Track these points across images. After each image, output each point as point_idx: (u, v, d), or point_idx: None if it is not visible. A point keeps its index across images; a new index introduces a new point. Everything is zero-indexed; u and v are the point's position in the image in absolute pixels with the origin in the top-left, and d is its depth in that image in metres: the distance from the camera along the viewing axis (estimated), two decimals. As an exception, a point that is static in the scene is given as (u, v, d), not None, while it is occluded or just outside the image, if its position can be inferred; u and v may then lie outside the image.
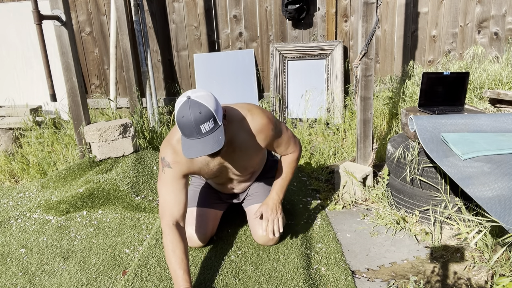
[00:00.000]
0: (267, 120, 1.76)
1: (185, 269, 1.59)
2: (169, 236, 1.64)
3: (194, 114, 1.47)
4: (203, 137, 1.50)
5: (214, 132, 1.51)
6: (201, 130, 1.48)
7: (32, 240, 2.20)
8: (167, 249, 1.63)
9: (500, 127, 2.05)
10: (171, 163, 1.70)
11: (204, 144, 1.49)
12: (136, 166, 2.76)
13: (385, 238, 2.08)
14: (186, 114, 1.47)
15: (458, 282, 1.72)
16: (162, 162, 1.73)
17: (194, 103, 1.48)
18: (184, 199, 1.72)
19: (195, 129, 1.48)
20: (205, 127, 1.49)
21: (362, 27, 2.38)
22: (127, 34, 3.64)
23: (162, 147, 1.75)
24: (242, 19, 4.02)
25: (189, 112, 1.47)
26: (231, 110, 1.74)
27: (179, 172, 1.71)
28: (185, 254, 1.63)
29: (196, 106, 1.48)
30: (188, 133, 1.50)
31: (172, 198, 1.70)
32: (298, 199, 2.49)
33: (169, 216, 1.67)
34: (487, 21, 3.91)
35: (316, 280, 1.74)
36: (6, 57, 4.19)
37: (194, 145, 1.50)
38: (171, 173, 1.71)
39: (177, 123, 1.51)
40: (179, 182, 1.72)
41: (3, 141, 3.54)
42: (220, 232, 2.14)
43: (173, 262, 1.60)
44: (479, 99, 3.31)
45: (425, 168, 2.09)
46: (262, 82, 4.15)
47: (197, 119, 1.47)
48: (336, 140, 3.39)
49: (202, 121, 1.48)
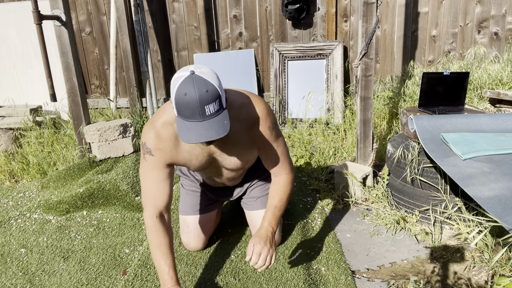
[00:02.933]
0: (266, 112, 1.56)
1: (170, 265, 1.50)
2: (153, 230, 1.51)
3: (200, 92, 1.25)
4: (207, 120, 1.28)
5: (219, 115, 1.30)
6: (205, 111, 1.27)
7: (32, 240, 2.19)
8: (152, 244, 1.51)
9: (500, 127, 2.05)
10: (153, 150, 1.50)
11: (207, 128, 1.28)
12: (136, 166, 2.76)
13: (385, 238, 2.08)
14: (189, 92, 1.25)
15: (458, 282, 1.72)
16: (143, 147, 1.52)
17: (200, 80, 1.26)
18: (168, 190, 1.55)
19: (199, 110, 1.26)
20: (210, 108, 1.27)
21: (362, 27, 2.38)
22: (127, 34, 3.64)
23: (144, 130, 1.52)
24: (242, 19, 4.02)
25: (193, 89, 1.25)
26: (231, 95, 1.53)
27: (162, 160, 1.52)
28: (171, 249, 1.52)
29: (202, 83, 1.26)
30: (189, 114, 1.28)
31: (155, 188, 1.53)
32: (298, 199, 2.49)
33: (152, 207, 1.52)
34: (487, 21, 3.91)
35: (316, 280, 1.74)
36: (6, 57, 4.19)
37: (195, 129, 1.29)
38: (153, 161, 1.51)
39: (176, 102, 1.28)
40: (163, 171, 1.53)
41: (3, 141, 3.54)
42: (220, 232, 2.14)
43: (159, 258, 1.49)
44: (479, 99, 3.31)
45: (425, 168, 2.09)
46: (262, 82, 4.15)
47: (202, 98, 1.25)
48: (336, 140, 3.39)
49: (208, 101, 1.26)
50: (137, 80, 3.79)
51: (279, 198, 1.66)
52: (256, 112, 1.54)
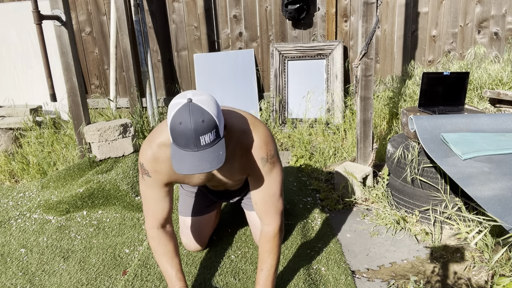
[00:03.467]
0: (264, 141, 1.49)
1: (177, 268, 1.50)
2: (155, 240, 1.53)
3: (195, 122, 1.20)
4: (201, 150, 1.24)
5: (214, 145, 1.26)
6: (200, 142, 1.23)
7: (32, 240, 2.19)
8: (156, 252, 1.52)
9: (500, 127, 2.05)
10: (150, 172, 1.47)
11: (201, 159, 1.24)
12: (136, 166, 2.76)
13: (385, 238, 2.08)
14: (185, 121, 1.20)
15: (458, 282, 1.72)
16: (141, 168, 1.50)
17: (196, 109, 1.21)
18: (168, 206, 1.55)
19: (193, 140, 1.22)
20: (206, 139, 1.23)
21: (362, 27, 2.38)
22: (127, 34, 3.64)
23: (142, 149, 1.49)
24: (242, 19, 4.02)
25: (189, 118, 1.20)
26: (233, 118, 1.49)
27: (160, 181, 1.50)
28: (176, 254, 1.53)
29: (199, 112, 1.21)
30: (183, 143, 1.24)
31: (154, 206, 1.53)
32: (298, 199, 2.49)
33: (153, 220, 1.54)
34: (487, 21, 3.91)
35: (316, 280, 1.74)
36: (6, 57, 4.19)
37: (188, 158, 1.24)
38: (151, 181, 1.50)
39: (171, 130, 1.24)
40: (161, 190, 1.52)
41: (3, 141, 3.54)
42: (220, 232, 2.14)
43: (165, 264, 1.51)
44: (479, 99, 3.31)
45: (425, 168, 2.09)
46: (262, 82, 4.15)
47: (197, 128, 1.21)
48: (336, 140, 3.39)
49: (203, 131, 1.22)
50: (137, 80, 3.79)
51: (269, 259, 1.55)
52: (253, 139, 1.48)
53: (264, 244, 1.56)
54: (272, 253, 1.55)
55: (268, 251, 1.55)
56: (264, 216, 1.56)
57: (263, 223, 1.57)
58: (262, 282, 1.55)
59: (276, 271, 1.58)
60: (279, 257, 1.58)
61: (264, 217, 1.56)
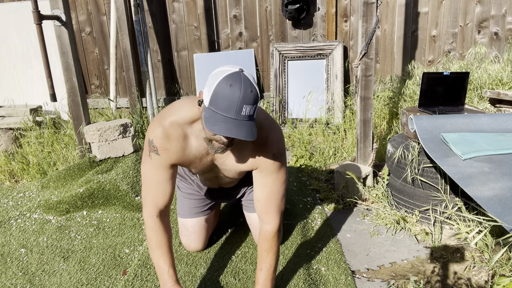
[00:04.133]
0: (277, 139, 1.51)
1: (170, 264, 1.48)
2: (152, 230, 1.49)
3: (246, 89, 1.20)
4: (239, 120, 1.22)
5: (250, 120, 1.24)
6: (242, 111, 1.21)
7: (32, 240, 2.19)
8: (151, 243, 1.49)
9: (500, 127, 2.05)
10: (159, 149, 1.44)
11: (238, 127, 1.21)
12: (136, 166, 2.76)
13: (385, 238, 2.08)
14: (235, 85, 1.20)
15: (458, 282, 1.72)
16: (149, 145, 1.46)
17: (247, 79, 1.23)
18: (170, 190, 1.51)
19: (237, 107, 1.20)
20: (247, 110, 1.22)
21: (362, 27, 2.38)
22: (127, 34, 3.64)
23: (151, 127, 1.47)
24: (242, 19, 4.02)
25: (240, 84, 1.20)
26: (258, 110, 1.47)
27: (167, 161, 1.47)
28: (170, 248, 1.51)
29: (249, 83, 1.22)
30: (225, 107, 1.21)
31: (157, 188, 1.49)
32: (298, 199, 2.49)
33: (153, 206, 1.50)
34: (487, 21, 3.91)
35: (316, 280, 1.74)
36: (6, 57, 4.19)
37: (224, 123, 1.22)
38: (158, 160, 1.46)
39: (216, 91, 1.21)
40: (167, 171, 1.48)
41: (3, 141, 3.54)
42: (220, 232, 2.14)
43: (158, 257, 1.48)
44: (479, 99, 3.31)
45: (425, 168, 2.09)
46: (262, 82, 4.15)
47: (246, 96, 1.20)
48: (336, 140, 3.39)
49: (249, 101, 1.21)
50: (137, 80, 3.79)
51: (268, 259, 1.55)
52: (268, 133, 1.48)
53: (263, 243, 1.55)
54: (271, 252, 1.55)
55: (267, 250, 1.55)
56: (265, 214, 1.55)
57: (262, 222, 1.56)
58: (262, 282, 1.55)
59: (275, 270, 1.58)
60: (278, 256, 1.58)
61: (264, 215, 1.55)
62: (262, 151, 1.49)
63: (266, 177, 1.53)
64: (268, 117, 1.53)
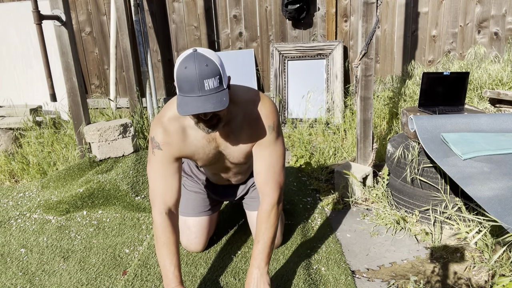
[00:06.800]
0: (270, 110, 1.56)
1: (176, 265, 1.49)
2: (161, 227, 1.50)
3: (200, 66, 1.27)
4: (205, 95, 1.29)
5: (218, 92, 1.31)
6: (204, 85, 1.28)
7: (32, 240, 2.20)
8: (159, 241, 1.50)
9: (500, 127, 2.05)
10: (161, 144, 1.52)
11: (204, 101, 1.28)
12: (136, 166, 2.77)
13: (385, 238, 2.08)
14: (189, 66, 1.28)
15: (458, 282, 1.72)
16: (152, 142, 1.54)
17: (201, 56, 1.29)
18: (177, 185, 1.55)
19: (198, 83, 1.27)
20: (210, 83, 1.28)
21: (362, 27, 2.38)
22: (127, 34, 3.64)
23: (152, 125, 1.56)
24: (242, 19, 4.02)
25: (194, 63, 1.27)
26: (241, 91, 1.55)
27: (170, 154, 1.53)
28: (177, 248, 1.52)
29: (203, 59, 1.29)
30: (188, 88, 1.29)
31: (163, 184, 1.53)
32: (298, 199, 2.49)
33: (161, 203, 1.52)
34: (487, 21, 3.91)
35: (316, 280, 1.74)
36: (6, 57, 4.19)
37: (192, 103, 1.29)
38: (161, 155, 1.53)
39: (177, 76, 1.31)
40: (171, 165, 1.54)
41: (3, 141, 3.54)
42: (220, 232, 2.14)
43: (164, 257, 1.48)
44: (479, 99, 3.31)
45: (425, 168, 2.09)
46: (262, 82, 4.15)
47: (202, 72, 1.27)
48: (336, 140, 3.39)
49: (207, 75, 1.28)
50: (137, 80, 3.79)
51: (266, 230, 1.56)
52: (260, 108, 1.54)
53: (262, 215, 1.58)
54: (269, 224, 1.57)
55: (266, 222, 1.57)
56: (265, 186, 1.58)
57: (262, 194, 1.59)
58: (258, 252, 1.55)
59: (273, 244, 1.58)
60: (276, 231, 1.59)
61: (264, 187, 1.58)
62: (257, 126, 1.55)
63: (263, 150, 1.58)
64: (258, 93, 1.58)
